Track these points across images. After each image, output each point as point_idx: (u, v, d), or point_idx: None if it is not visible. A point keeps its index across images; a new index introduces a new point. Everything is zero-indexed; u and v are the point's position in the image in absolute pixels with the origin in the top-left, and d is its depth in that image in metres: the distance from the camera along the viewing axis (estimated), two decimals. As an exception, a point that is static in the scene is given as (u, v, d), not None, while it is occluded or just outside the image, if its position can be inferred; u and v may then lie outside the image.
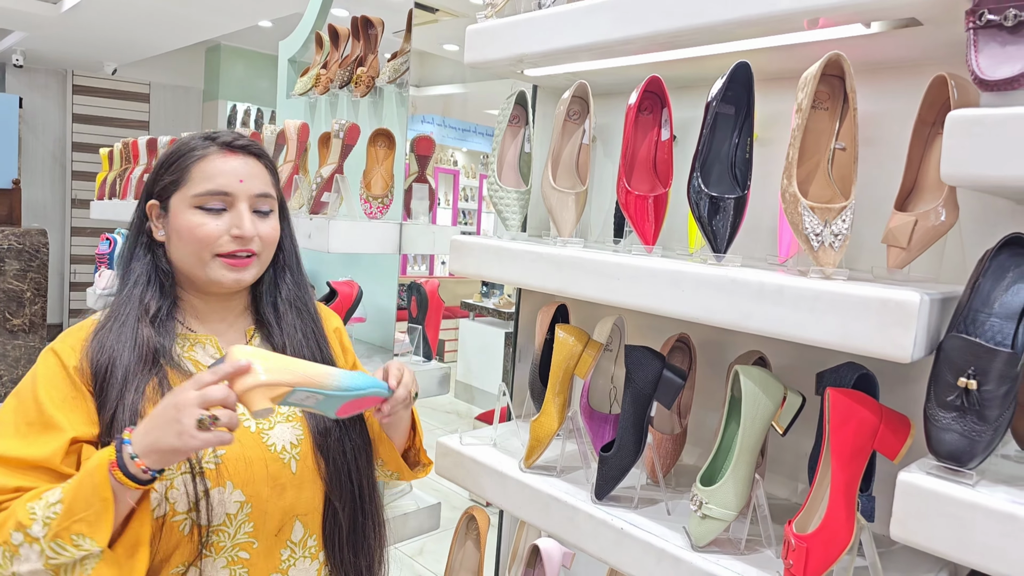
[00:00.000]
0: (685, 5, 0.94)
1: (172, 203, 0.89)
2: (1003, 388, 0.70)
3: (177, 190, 0.89)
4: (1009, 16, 0.68)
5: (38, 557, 0.71)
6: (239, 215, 0.89)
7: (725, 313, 0.87)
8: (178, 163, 0.90)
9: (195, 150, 0.90)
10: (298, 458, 0.90)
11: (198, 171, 0.89)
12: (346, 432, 0.95)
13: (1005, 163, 0.67)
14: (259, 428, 0.90)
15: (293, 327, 0.98)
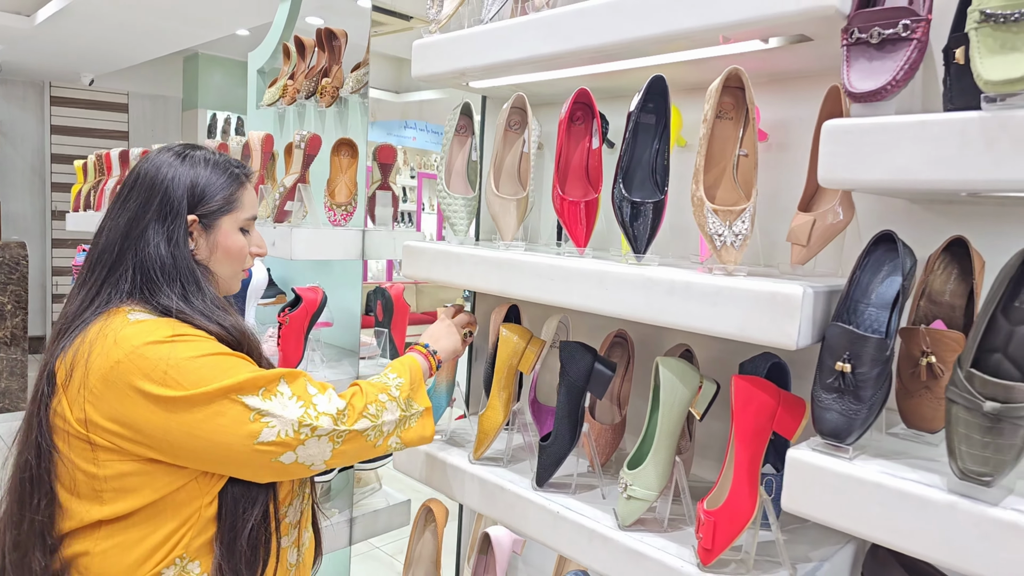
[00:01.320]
0: (605, 24, 1.01)
1: (222, 223, 1.02)
2: (875, 370, 0.77)
3: (230, 213, 1.03)
4: (874, 34, 0.76)
5: (396, 408, 1.02)
6: (256, 236, 1.10)
7: (642, 309, 0.94)
8: (230, 190, 1.03)
9: (240, 179, 1.05)
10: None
11: (246, 199, 1.06)
12: None
13: (872, 168, 0.75)
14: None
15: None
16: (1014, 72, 0.64)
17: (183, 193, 0.98)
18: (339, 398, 0.96)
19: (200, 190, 1.00)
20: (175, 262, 0.96)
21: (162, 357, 0.87)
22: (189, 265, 0.97)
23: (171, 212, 0.97)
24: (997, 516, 0.67)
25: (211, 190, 1.00)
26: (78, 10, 4.03)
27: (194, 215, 1.00)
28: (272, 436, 0.88)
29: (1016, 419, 0.66)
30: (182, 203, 0.98)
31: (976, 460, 0.68)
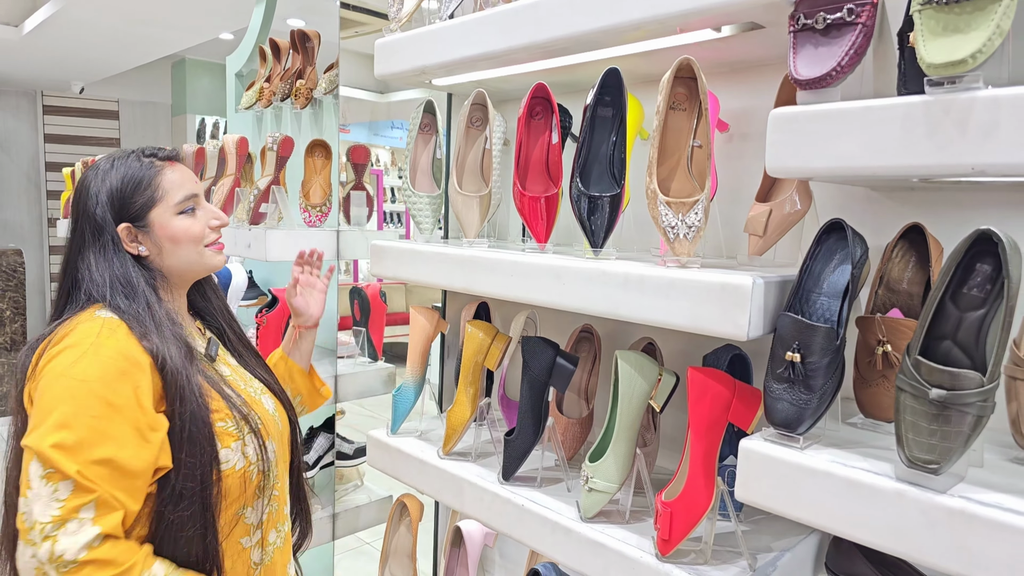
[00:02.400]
0: (558, 17, 1.00)
1: (153, 218, 0.98)
2: (825, 360, 0.77)
3: (155, 206, 0.98)
4: (819, 19, 0.75)
5: None
6: (210, 209, 1.05)
7: (599, 303, 0.94)
8: (142, 184, 0.98)
9: (150, 169, 1.00)
10: (281, 423, 1.06)
11: (168, 183, 1.00)
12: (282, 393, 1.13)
13: (818, 156, 0.74)
14: (259, 397, 1.05)
15: (220, 310, 1.13)
16: (956, 54, 0.64)
17: (103, 209, 0.96)
18: (90, 552, 0.79)
19: (117, 198, 0.97)
20: (117, 280, 0.94)
21: (53, 357, 0.86)
22: (130, 280, 0.95)
23: (99, 232, 0.95)
24: (944, 504, 0.66)
25: (126, 192, 0.97)
26: (63, 18, 4.03)
27: (125, 223, 0.97)
28: (22, 505, 0.80)
29: (963, 406, 0.66)
30: (105, 219, 0.96)
31: (923, 448, 0.67)
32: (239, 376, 1.05)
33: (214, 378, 0.97)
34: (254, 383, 1.07)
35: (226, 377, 1.01)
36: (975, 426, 0.67)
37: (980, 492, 0.67)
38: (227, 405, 0.95)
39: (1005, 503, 0.65)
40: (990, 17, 0.63)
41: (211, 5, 3.82)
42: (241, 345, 1.12)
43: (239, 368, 1.08)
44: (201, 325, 1.09)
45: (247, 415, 0.96)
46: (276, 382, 1.13)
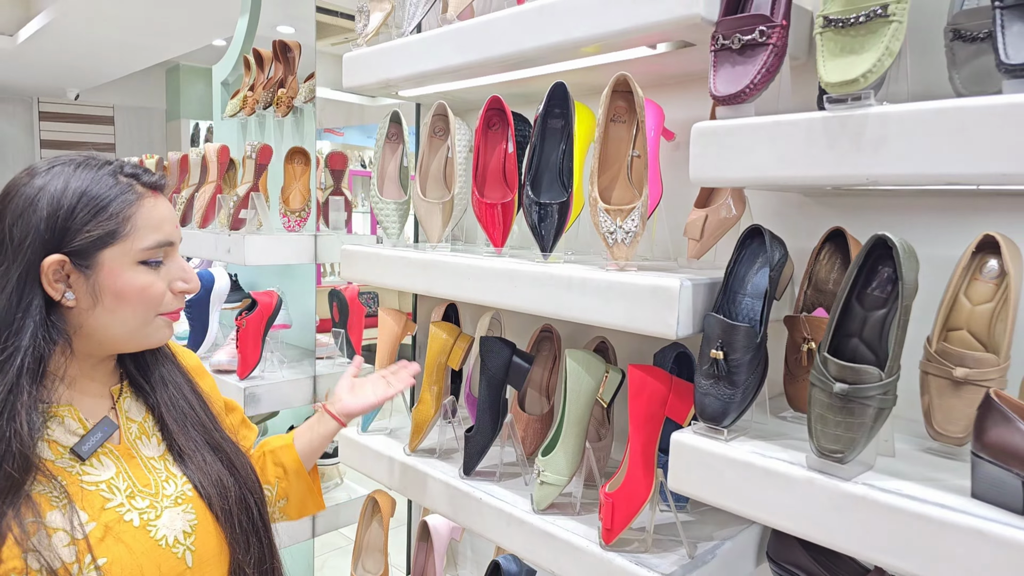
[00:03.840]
0: (508, 35, 1.06)
1: (104, 260, 0.73)
2: (747, 356, 0.82)
3: (113, 243, 0.73)
4: (735, 40, 0.80)
5: None
6: (180, 267, 0.80)
7: (545, 304, 0.99)
8: (109, 211, 0.73)
9: (124, 194, 0.75)
10: (193, 548, 0.78)
11: (142, 220, 0.75)
12: (243, 484, 0.86)
13: (733, 166, 0.80)
14: (144, 520, 0.75)
15: (163, 380, 0.86)
16: (850, 73, 0.69)
17: (32, 225, 0.71)
18: None
19: (63, 216, 0.71)
20: (10, 327, 0.70)
21: None
22: (18, 330, 0.70)
23: (8, 257, 0.71)
24: (849, 490, 0.71)
25: (79, 213, 0.71)
26: (57, 28, 4.09)
27: (60, 253, 0.71)
28: None
29: (864, 399, 0.71)
30: (26, 237, 0.70)
31: (829, 439, 0.73)
32: (130, 480, 0.77)
33: (39, 503, 0.68)
34: (164, 488, 0.79)
35: (84, 490, 0.73)
36: (877, 417, 0.72)
37: (884, 480, 0.73)
38: (23, 558, 0.65)
39: (904, 489, 0.70)
40: (881, 40, 0.68)
41: (202, 13, 3.89)
42: (187, 424, 0.85)
43: (143, 466, 0.79)
44: (130, 391, 0.84)
45: (59, 571, 0.66)
46: (230, 484, 0.84)
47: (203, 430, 0.86)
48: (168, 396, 0.85)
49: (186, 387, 0.88)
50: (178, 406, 0.85)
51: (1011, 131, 0.61)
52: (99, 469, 0.75)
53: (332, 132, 5.36)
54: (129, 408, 0.83)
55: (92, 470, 0.75)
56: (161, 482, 0.79)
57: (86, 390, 0.79)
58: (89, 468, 0.75)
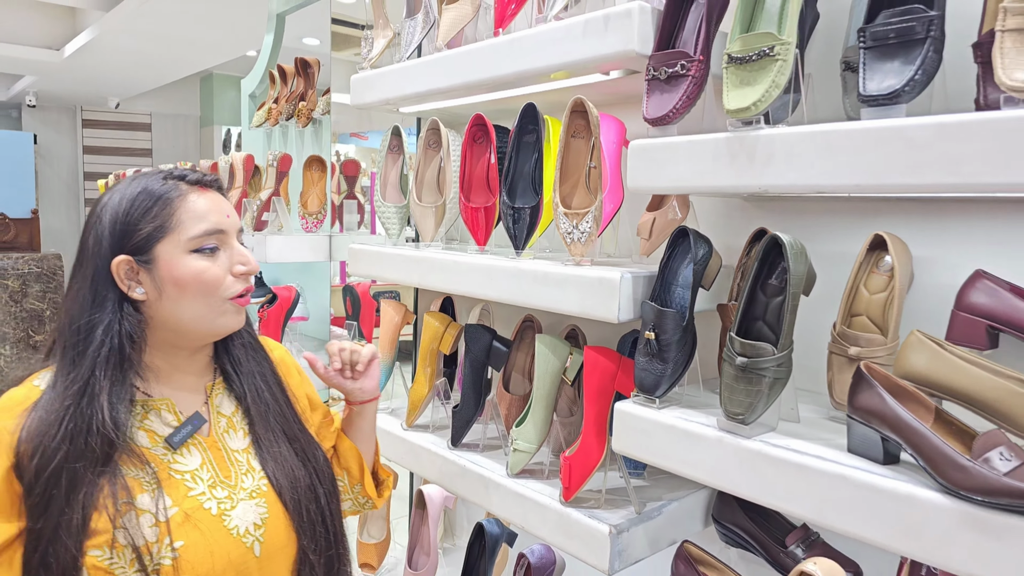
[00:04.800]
0: (487, 63, 1.22)
1: (159, 253, 0.79)
2: (676, 337, 0.97)
3: (163, 237, 0.79)
4: (662, 72, 0.95)
5: None
6: (237, 252, 0.84)
7: (516, 295, 1.15)
8: (155, 209, 0.80)
9: (169, 192, 0.81)
10: (262, 540, 0.82)
11: (185, 213, 0.80)
12: (314, 474, 0.89)
13: (661, 177, 0.95)
14: (220, 510, 0.80)
15: (252, 373, 0.91)
16: (745, 102, 0.83)
17: (99, 235, 0.80)
18: None
19: (121, 222, 0.79)
20: (78, 328, 0.78)
21: None
22: (92, 330, 0.77)
23: (83, 261, 0.81)
24: (749, 447, 0.86)
25: (133, 216, 0.79)
26: (100, 44, 4.39)
27: (125, 255, 0.79)
28: None
29: (760, 371, 0.85)
30: (98, 247, 0.79)
31: (734, 404, 0.87)
32: (213, 471, 0.82)
33: (132, 483, 0.75)
34: (242, 481, 0.84)
35: (171, 477, 0.79)
36: (772, 386, 0.86)
37: (780, 439, 0.87)
38: (113, 533, 0.72)
39: (793, 446, 0.84)
40: (769, 75, 0.82)
41: (235, 28, 4.13)
42: (268, 415, 0.89)
43: (227, 459, 0.84)
44: (223, 386, 0.89)
45: (140, 548, 0.73)
46: (300, 474, 0.87)
47: (283, 421, 0.90)
48: (255, 387, 0.90)
49: (272, 380, 0.92)
50: (263, 398, 0.90)
51: (866, 150, 0.75)
52: (187, 459, 0.81)
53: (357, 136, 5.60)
54: (221, 403, 0.88)
55: (181, 459, 0.81)
56: (241, 475, 0.84)
57: (182, 385, 0.85)
58: (179, 457, 0.81)
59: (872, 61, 0.77)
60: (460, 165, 1.34)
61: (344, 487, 1.01)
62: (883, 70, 0.75)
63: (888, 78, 0.74)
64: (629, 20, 0.97)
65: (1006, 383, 0.74)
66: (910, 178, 0.71)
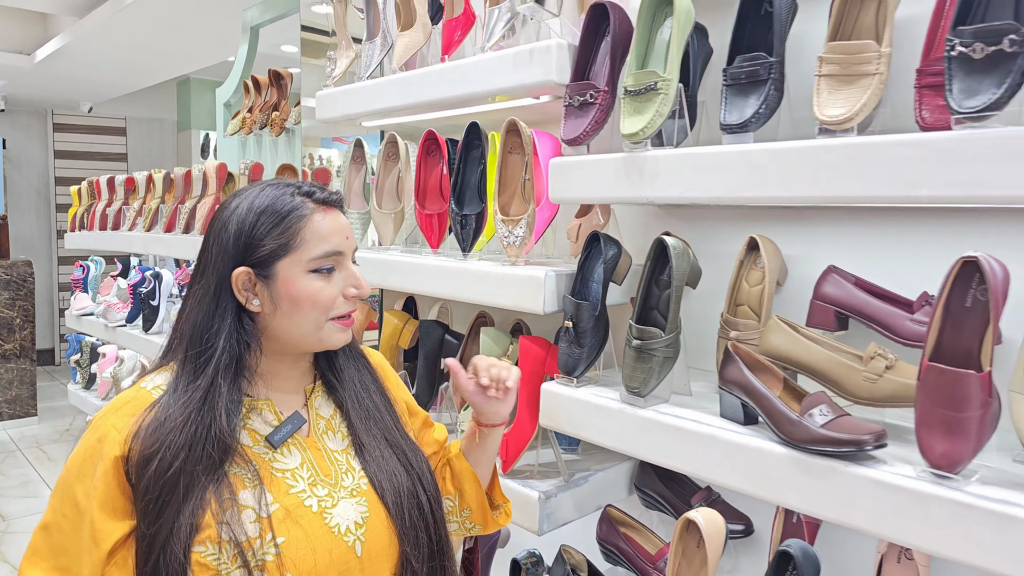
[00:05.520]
0: (434, 86, 1.38)
1: (279, 269, 0.80)
2: (589, 325, 1.14)
3: (286, 255, 0.80)
4: (575, 100, 1.12)
5: None
6: (351, 274, 0.85)
7: (462, 292, 1.31)
8: (282, 226, 0.81)
9: (296, 210, 0.82)
10: (363, 539, 0.82)
11: (310, 233, 0.81)
12: (417, 480, 0.88)
13: (575, 189, 1.12)
14: (321, 507, 0.80)
15: (352, 380, 0.92)
16: (635, 128, 1.01)
17: (224, 244, 0.81)
18: None
19: (247, 234, 0.80)
20: (200, 332, 0.80)
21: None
22: (214, 336, 0.79)
23: (206, 268, 0.82)
24: (643, 415, 1.03)
25: (259, 230, 0.80)
26: (72, 50, 4.45)
27: (246, 266, 0.80)
28: None
29: (651, 351, 1.03)
30: (221, 255, 0.81)
31: (632, 380, 1.05)
32: (313, 470, 0.83)
33: (235, 480, 0.77)
34: (343, 480, 0.84)
35: (273, 475, 0.80)
36: (663, 364, 1.03)
37: (670, 408, 1.04)
38: (217, 529, 0.73)
39: (678, 413, 1.02)
40: (654, 105, 1.00)
41: (210, 36, 4.22)
42: (370, 421, 0.89)
43: (327, 458, 0.85)
44: (323, 389, 0.90)
45: (243, 544, 0.74)
46: (403, 478, 0.86)
47: (384, 427, 0.90)
48: (355, 394, 0.90)
49: (373, 387, 0.93)
50: (363, 404, 0.90)
51: (723, 169, 0.92)
52: (287, 457, 0.82)
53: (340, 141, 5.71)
54: (320, 405, 0.89)
55: (281, 458, 0.81)
56: (341, 473, 0.84)
57: (282, 387, 0.86)
58: (279, 456, 0.81)
59: (731, 97, 0.95)
60: (415, 175, 1.50)
61: (452, 508, 0.99)
62: (738, 104, 0.93)
63: (741, 112, 0.92)
64: (548, 55, 1.14)
65: (836, 356, 0.93)
66: (754, 192, 0.89)
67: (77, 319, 3.34)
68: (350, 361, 0.93)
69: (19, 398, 5.11)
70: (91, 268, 3.53)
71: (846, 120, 0.81)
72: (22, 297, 5.19)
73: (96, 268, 3.58)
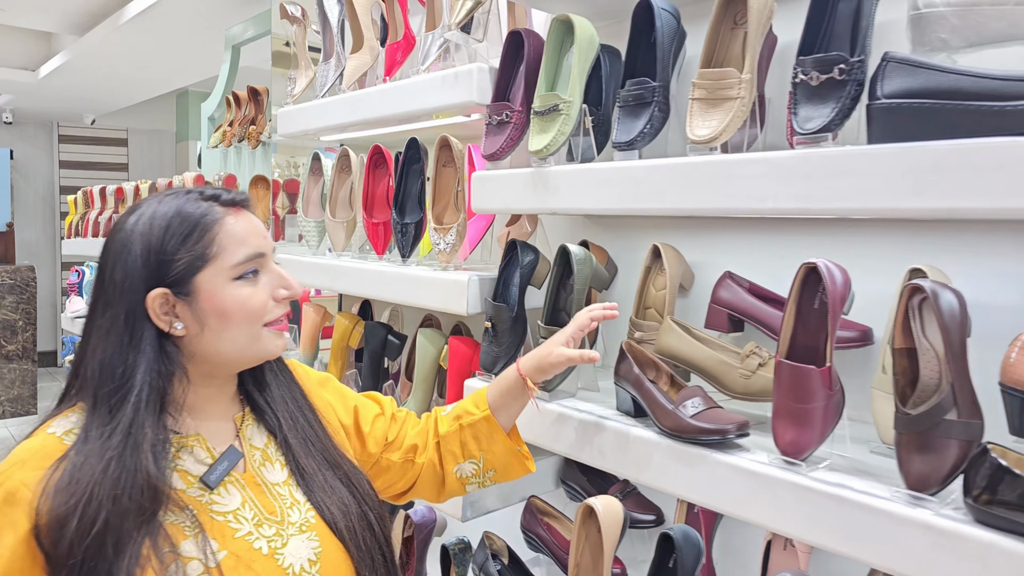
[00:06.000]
0: (376, 104, 1.48)
1: (200, 284, 0.73)
2: (507, 326, 1.22)
3: (205, 266, 0.73)
4: (493, 119, 1.21)
5: None
6: (277, 275, 0.79)
7: (399, 295, 1.40)
8: (194, 236, 0.73)
9: (206, 215, 0.75)
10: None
11: (226, 237, 0.75)
12: (362, 501, 0.83)
13: (493, 200, 1.21)
14: (272, 549, 0.75)
15: (284, 400, 0.85)
16: (540, 145, 1.10)
17: (130, 267, 0.72)
18: None
19: (156, 252, 0.73)
20: (110, 371, 0.71)
21: None
22: (129, 373, 0.71)
23: (112, 299, 0.73)
24: (551, 408, 1.11)
25: (169, 245, 0.73)
26: (74, 66, 4.61)
27: (163, 287, 0.73)
28: None
29: (559, 349, 1.11)
30: (127, 281, 0.72)
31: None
32: (256, 509, 0.76)
33: (172, 530, 0.69)
34: (289, 515, 0.78)
35: (213, 520, 0.73)
36: (568, 362, 1.11)
37: (574, 402, 1.12)
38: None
39: (579, 407, 1.09)
40: (556, 124, 1.09)
41: (206, 52, 4.37)
42: (308, 443, 0.83)
43: (268, 494, 0.78)
44: (252, 417, 0.83)
45: None
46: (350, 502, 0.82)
47: (322, 447, 0.84)
48: (289, 415, 0.84)
49: (304, 403, 0.87)
50: (300, 426, 0.84)
51: (611, 183, 1.01)
52: (226, 499, 0.75)
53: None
54: (252, 435, 0.81)
55: (220, 499, 0.74)
56: (286, 509, 0.78)
57: (212, 419, 0.79)
58: (217, 497, 0.74)
59: (622, 117, 1.04)
60: (363, 187, 1.59)
61: (476, 471, 0.98)
62: (627, 124, 1.02)
63: (629, 131, 1.01)
64: (471, 77, 1.23)
65: (717, 354, 1.01)
66: (635, 204, 0.97)
67: (72, 321, 3.46)
68: (277, 378, 0.86)
69: (20, 397, 5.24)
70: (86, 273, 3.66)
71: (712, 139, 0.90)
72: (25, 301, 5.33)
73: (91, 273, 3.71)
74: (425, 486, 0.98)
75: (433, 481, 0.98)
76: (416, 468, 0.97)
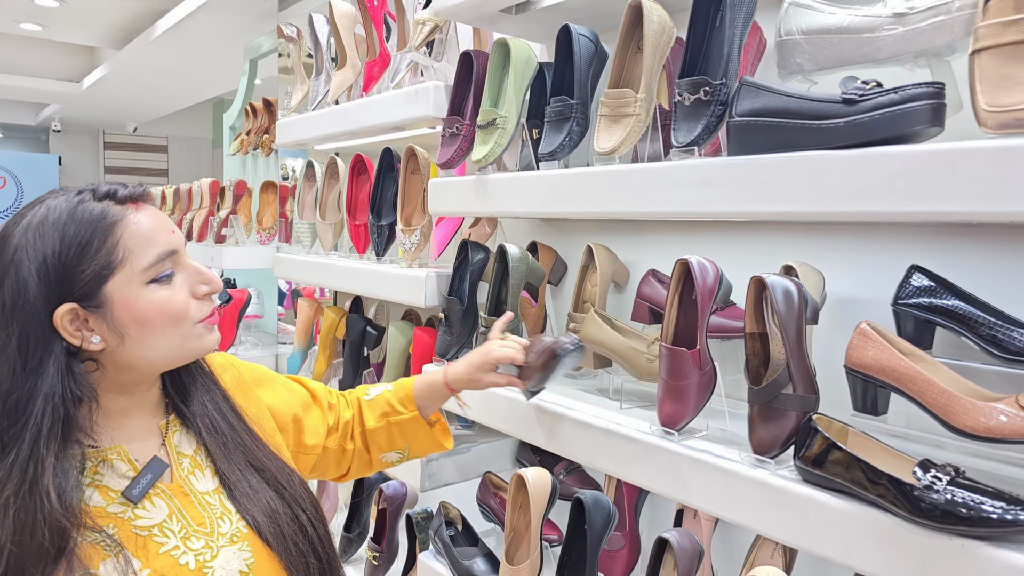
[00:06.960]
0: (357, 116, 1.64)
1: (111, 293, 0.68)
2: (457, 317, 1.36)
3: (113, 273, 0.68)
4: (447, 132, 1.36)
5: None
6: (194, 271, 0.75)
7: (372, 290, 1.56)
8: (95, 241, 0.68)
9: (105, 216, 0.69)
10: None
11: (131, 239, 0.69)
12: (292, 503, 0.80)
13: (446, 204, 1.36)
14: (200, 562, 0.71)
15: (203, 403, 0.81)
16: (480, 155, 1.24)
17: (27, 286, 0.66)
18: None
19: (54, 267, 0.66)
20: (3, 399, 0.65)
21: None
22: (23, 406, 0.65)
23: (7, 320, 0.66)
24: (502, 394, 1.25)
25: (69, 257, 0.67)
26: (114, 77, 4.95)
27: (70, 303, 0.67)
28: None
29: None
30: (24, 300, 0.65)
31: (482, 360, 1.27)
32: (184, 520, 0.73)
33: (89, 551, 0.65)
34: (219, 526, 0.75)
35: (136, 536, 0.70)
36: (505, 348, 1.25)
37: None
38: None
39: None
40: (494, 137, 1.23)
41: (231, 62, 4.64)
42: (228, 447, 0.79)
43: (197, 503, 0.75)
44: (179, 423, 0.80)
45: None
46: (278, 506, 0.78)
47: (245, 451, 0.80)
48: (209, 420, 0.80)
49: (224, 405, 0.83)
50: (220, 430, 0.80)
51: (535, 190, 1.14)
52: (151, 512, 0.71)
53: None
54: (180, 442, 0.78)
55: (144, 513, 0.71)
56: (216, 519, 0.75)
57: (133, 428, 0.75)
58: (141, 511, 0.71)
59: (548, 130, 1.17)
60: (347, 192, 1.76)
61: (401, 459, 1.06)
62: (551, 137, 1.15)
63: (551, 143, 1.14)
64: (427, 94, 1.38)
65: (628, 342, 1.13)
66: (553, 207, 1.11)
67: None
68: (197, 382, 0.81)
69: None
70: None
71: (612, 151, 1.03)
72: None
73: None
74: (357, 472, 1.06)
75: (362, 466, 1.05)
76: (348, 456, 1.01)
